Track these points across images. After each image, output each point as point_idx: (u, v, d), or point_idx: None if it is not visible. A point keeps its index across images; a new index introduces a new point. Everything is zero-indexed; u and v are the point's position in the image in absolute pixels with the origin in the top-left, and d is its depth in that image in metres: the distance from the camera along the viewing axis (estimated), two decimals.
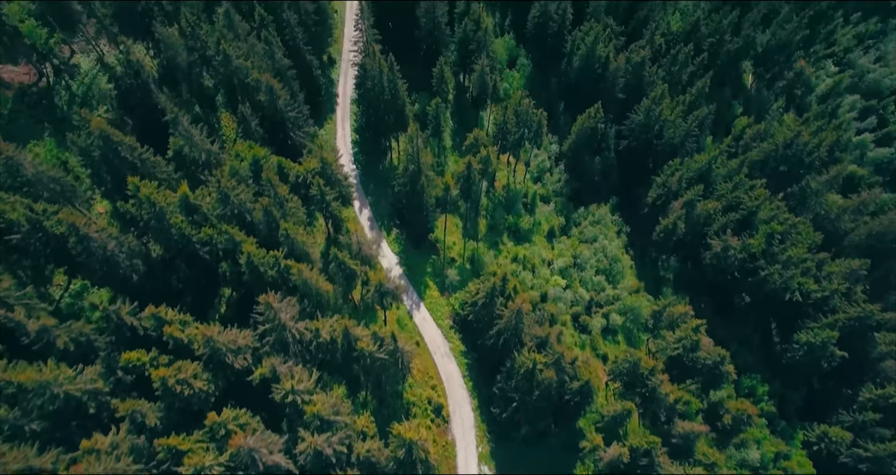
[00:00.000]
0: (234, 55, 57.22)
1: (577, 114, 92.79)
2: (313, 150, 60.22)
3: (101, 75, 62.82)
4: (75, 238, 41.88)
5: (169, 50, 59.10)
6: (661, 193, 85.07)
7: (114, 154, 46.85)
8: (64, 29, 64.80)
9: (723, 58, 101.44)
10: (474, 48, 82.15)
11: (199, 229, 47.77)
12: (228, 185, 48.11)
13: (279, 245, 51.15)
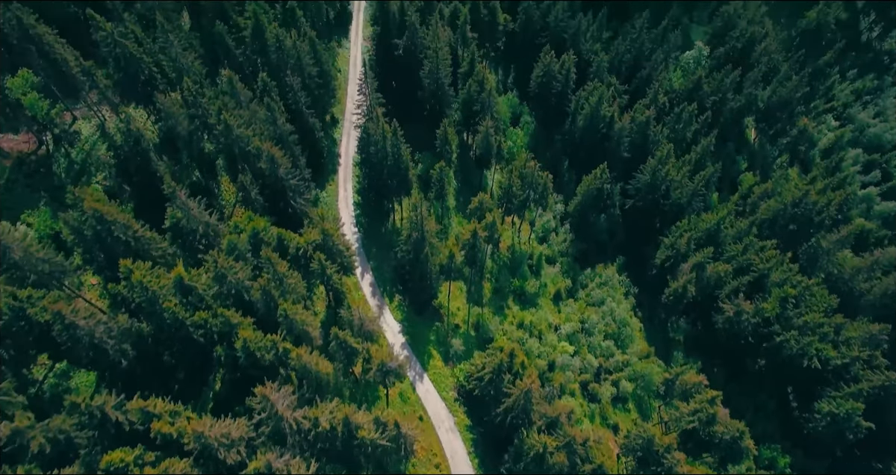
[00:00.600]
0: (234, 124, 56.27)
1: (582, 171, 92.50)
2: (314, 220, 58.62)
3: (100, 143, 61.92)
4: (60, 326, 39.63)
5: (170, 119, 58.27)
6: (669, 255, 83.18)
7: (107, 233, 45.10)
8: (67, 96, 64.33)
9: (726, 115, 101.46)
10: (478, 109, 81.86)
11: (193, 312, 45.52)
12: (225, 264, 46.14)
13: (277, 325, 48.82)
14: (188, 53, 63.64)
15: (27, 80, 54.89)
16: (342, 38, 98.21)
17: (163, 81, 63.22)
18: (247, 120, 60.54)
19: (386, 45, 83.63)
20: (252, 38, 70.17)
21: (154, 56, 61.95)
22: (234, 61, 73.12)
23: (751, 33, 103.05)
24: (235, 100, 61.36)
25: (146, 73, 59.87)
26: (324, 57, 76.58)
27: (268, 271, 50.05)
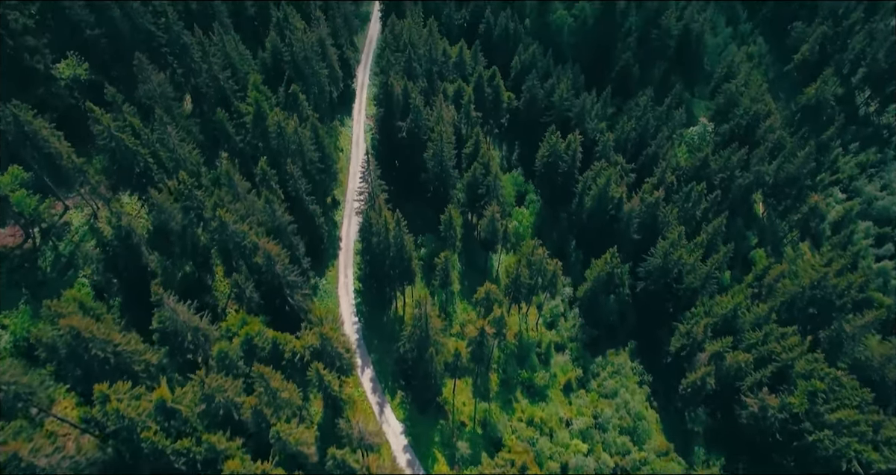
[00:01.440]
0: (230, 220, 53.52)
1: (590, 252, 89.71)
2: (313, 321, 54.99)
3: (89, 237, 59.05)
4: (16, 468, 35.17)
5: (162, 213, 55.59)
6: (685, 343, 78.91)
7: (84, 350, 41.29)
8: (59, 186, 62.04)
9: (734, 192, 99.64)
10: (483, 192, 79.78)
11: (175, 438, 41.05)
12: (213, 383, 42.07)
13: (269, 446, 44.22)
14: (185, 144, 61.80)
15: (16, 177, 52.61)
16: (345, 116, 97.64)
17: (159, 171, 61.04)
18: (243, 214, 57.96)
19: (389, 127, 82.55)
20: (253, 124, 68.79)
21: (151, 147, 60.04)
22: (234, 147, 71.54)
23: (755, 111, 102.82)
24: (233, 192, 58.95)
25: (141, 166, 57.69)
26: (326, 141, 75.11)
27: (260, 384, 45.93)
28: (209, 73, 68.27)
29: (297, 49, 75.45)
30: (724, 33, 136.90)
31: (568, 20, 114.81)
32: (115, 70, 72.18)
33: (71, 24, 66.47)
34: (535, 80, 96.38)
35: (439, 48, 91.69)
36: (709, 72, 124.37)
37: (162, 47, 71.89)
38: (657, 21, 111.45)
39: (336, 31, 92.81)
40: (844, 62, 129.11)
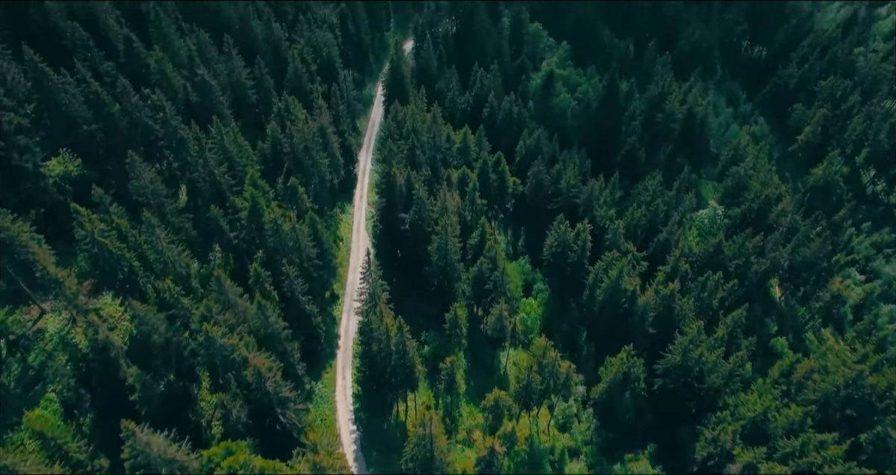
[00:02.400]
0: (217, 334, 48.89)
1: (602, 344, 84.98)
2: (306, 445, 49.29)
3: (60, 351, 54.22)
4: None
5: (144, 325, 51.08)
6: (712, 452, 72.19)
7: None
8: (35, 290, 57.85)
9: (750, 278, 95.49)
10: (490, 288, 75.56)
11: None
12: None
13: None
14: (175, 246, 58.11)
15: None
16: (346, 202, 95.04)
17: (145, 274, 57.05)
18: (233, 323, 53.47)
19: (391, 218, 79.55)
20: (248, 221, 65.60)
21: (139, 248, 56.39)
22: (228, 243, 68.00)
23: (766, 195, 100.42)
24: (223, 300, 54.67)
25: (125, 271, 53.76)
26: (325, 235, 71.75)
27: None
28: (205, 168, 65.73)
29: (297, 140, 73.57)
30: (725, 114, 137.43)
31: (571, 103, 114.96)
32: (110, 164, 69.87)
33: (68, 120, 64.56)
34: (541, 166, 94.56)
35: (443, 134, 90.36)
36: (715, 153, 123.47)
37: (159, 141, 69.83)
38: (661, 105, 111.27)
39: (338, 116, 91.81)
40: (847, 142, 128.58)
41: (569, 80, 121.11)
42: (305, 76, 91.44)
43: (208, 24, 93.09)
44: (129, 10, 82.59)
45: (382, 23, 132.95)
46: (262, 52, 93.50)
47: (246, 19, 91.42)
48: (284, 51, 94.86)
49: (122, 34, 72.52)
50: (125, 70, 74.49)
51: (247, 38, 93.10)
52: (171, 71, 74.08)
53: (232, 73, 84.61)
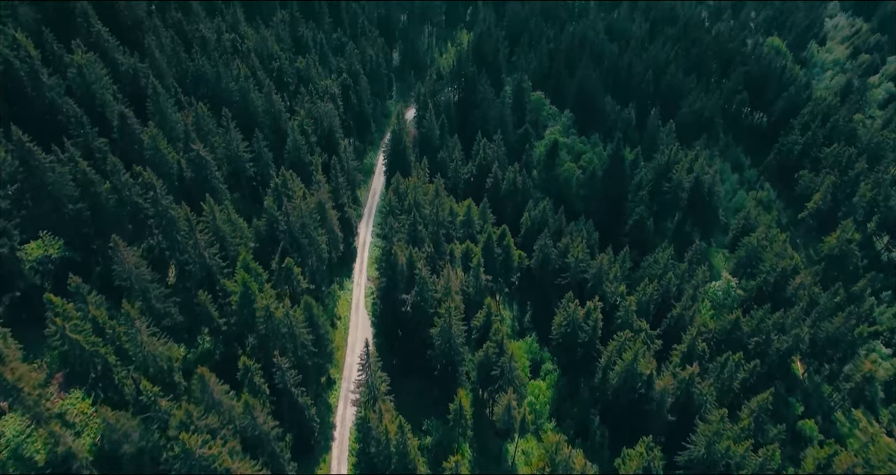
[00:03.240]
0: (196, 445, 43.54)
1: (616, 430, 78.81)
2: None
3: (12, 465, 48.39)
4: None
5: (114, 433, 45.83)
6: None
7: None
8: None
9: (772, 356, 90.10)
10: (497, 374, 70.29)
11: None
12: None
13: None
14: (155, 339, 53.50)
15: None
16: (344, 278, 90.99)
17: (123, 368, 52.21)
18: (217, 426, 48.16)
19: (392, 298, 75.25)
20: (239, 306, 61.26)
21: (117, 341, 51.80)
22: (217, 330, 63.43)
23: (782, 268, 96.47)
24: (206, 401, 49.60)
25: (98, 370, 49.01)
26: (321, 319, 67.18)
27: None
28: (195, 249, 62.07)
29: (294, 218, 70.32)
30: (730, 180, 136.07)
31: (576, 172, 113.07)
32: (96, 243, 66.37)
33: (52, 199, 61.50)
34: (548, 240, 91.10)
35: (446, 208, 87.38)
36: (724, 222, 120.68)
37: (149, 219, 66.54)
38: (668, 174, 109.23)
39: (338, 189, 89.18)
40: (857, 209, 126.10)
41: (573, 149, 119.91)
42: (305, 148, 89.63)
43: (208, 97, 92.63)
44: (128, 84, 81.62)
45: (384, 91, 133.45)
46: (261, 124, 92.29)
47: (246, 92, 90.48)
48: (284, 122, 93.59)
49: (118, 110, 70.51)
50: (119, 146, 72.56)
51: (247, 110, 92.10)
52: (165, 147, 71.87)
53: (230, 145, 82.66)
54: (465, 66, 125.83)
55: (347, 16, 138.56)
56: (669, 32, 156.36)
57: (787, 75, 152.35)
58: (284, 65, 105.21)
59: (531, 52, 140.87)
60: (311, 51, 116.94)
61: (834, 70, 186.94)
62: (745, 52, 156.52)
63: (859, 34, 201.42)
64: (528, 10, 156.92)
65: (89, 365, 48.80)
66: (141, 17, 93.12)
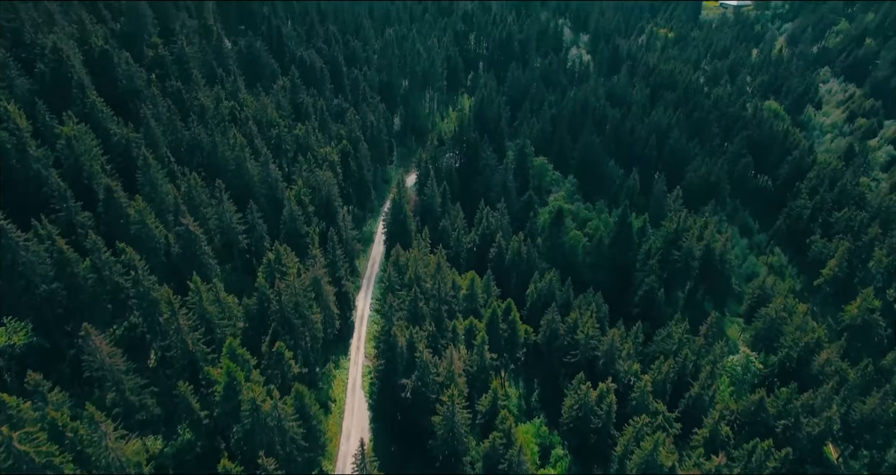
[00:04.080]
0: None
1: None
2: None
3: None
4: None
5: None
6: None
7: None
8: None
9: (802, 441, 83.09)
10: (505, 468, 63.67)
11: None
12: None
13: None
14: (122, 443, 47.66)
15: None
16: (340, 356, 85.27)
17: None
18: None
19: (391, 383, 69.60)
20: (223, 398, 55.68)
21: (79, 445, 45.95)
22: (198, 424, 57.54)
23: (805, 343, 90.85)
24: None
25: None
26: (313, 409, 61.29)
27: None
28: (177, 335, 57.08)
29: (287, 298, 65.66)
30: (740, 244, 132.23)
31: (582, 240, 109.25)
32: (70, 325, 61.55)
33: (24, 279, 57.12)
34: (555, 314, 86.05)
35: (448, 281, 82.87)
36: (738, 291, 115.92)
37: (129, 299, 61.89)
38: (677, 242, 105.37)
39: (335, 261, 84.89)
40: (874, 275, 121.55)
41: (578, 216, 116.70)
42: (301, 218, 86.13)
43: (203, 166, 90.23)
44: (119, 154, 79.10)
45: (385, 156, 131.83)
46: (256, 193, 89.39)
47: (242, 161, 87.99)
48: (281, 192, 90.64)
49: (105, 183, 67.30)
50: (104, 220, 68.95)
51: (242, 179, 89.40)
52: (153, 221, 68.20)
53: (222, 217, 79.17)
54: (466, 132, 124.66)
55: (349, 82, 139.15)
56: (670, 97, 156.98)
57: (789, 139, 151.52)
58: (283, 132, 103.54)
59: (533, 118, 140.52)
60: (312, 117, 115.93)
61: (833, 133, 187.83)
62: (746, 116, 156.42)
63: (853, 99, 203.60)
64: (529, 75, 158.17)
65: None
66: (139, 87, 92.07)
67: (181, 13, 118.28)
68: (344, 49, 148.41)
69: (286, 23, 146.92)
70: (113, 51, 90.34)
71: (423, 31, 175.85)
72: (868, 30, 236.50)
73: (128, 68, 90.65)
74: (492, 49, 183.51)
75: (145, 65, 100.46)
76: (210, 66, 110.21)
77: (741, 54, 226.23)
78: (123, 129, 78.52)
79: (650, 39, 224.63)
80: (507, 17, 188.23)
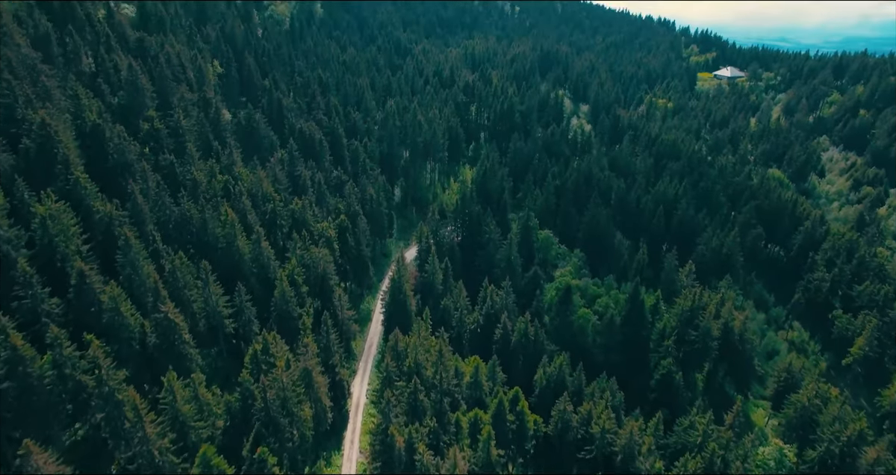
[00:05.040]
0: None
1: None
2: None
3: None
4: None
5: None
6: None
7: None
8: None
9: None
10: None
11: None
12: None
13: None
14: None
15: None
16: (333, 451, 76.70)
17: None
18: None
19: None
20: None
21: None
22: None
23: (847, 437, 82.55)
24: None
25: None
26: None
27: None
28: (143, 445, 49.88)
29: (274, 394, 58.75)
30: (757, 319, 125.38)
31: (592, 319, 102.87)
32: (20, 430, 54.17)
33: None
34: (567, 404, 78.48)
35: (450, 369, 75.97)
36: (761, 372, 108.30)
37: (91, 399, 55.05)
38: (693, 321, 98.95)
39: (329, 346, 78.36)
40: None
41: (586, 292, 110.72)
42: (294, 300, 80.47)
43: (192, 243, 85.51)
44: (101, 233, 74.32)
45: (384, 230, 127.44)
46: (247, 273, 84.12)
47: (233, 238, 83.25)
48: (273, 271, 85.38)
49: (77, 267, 61.97)
50: (75, 306, 63.04)
51: (232, 258, 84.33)
52: (128, 308, 62.41)
53: (208, 300, 73.41)
54: (469, 205, 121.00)
55: (349, 153, 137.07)
56: (674, 167, 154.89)
57: (798, 208, 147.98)
58: (278, 207, 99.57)
59: (536, 189, 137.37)
60: (309, 190, 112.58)
61: (840, 201, 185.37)
62: (753, 185, 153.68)
63: (856, 167, 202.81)
64: (531, 146, 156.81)
65: None
66: (131, 161, 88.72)
67: (181, 86, 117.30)
68: (344, 120, 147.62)
69: (287, 95, 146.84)
70: (105, 125, 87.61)
71: (425, 102, 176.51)
72: (860, 101, 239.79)
73: (120, 142, 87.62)
74: (493, 119, 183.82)
75: (140, 138, 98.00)
76: (206, 138, 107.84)
77: (740, 123, 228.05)
78: (107, 205, 74.04)
79: (650, 109, 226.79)
80: (507, 88, 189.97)
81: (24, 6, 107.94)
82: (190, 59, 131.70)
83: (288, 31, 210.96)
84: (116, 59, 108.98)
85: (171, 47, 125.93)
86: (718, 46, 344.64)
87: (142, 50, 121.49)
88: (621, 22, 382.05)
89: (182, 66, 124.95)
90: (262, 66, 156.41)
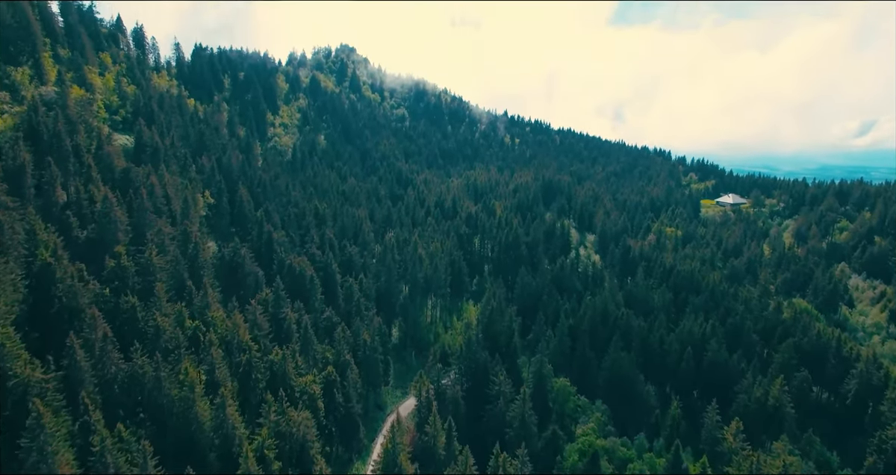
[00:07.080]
0: None
1: None
2: None
3: None
4: None
5: None
6: None
7: None
8: None
9: None
10: None
11: None
12: None
13: None
14: None
15: None
16: None
17: None
18: None
19: None
20: None
21: None
22: None
23: None
24: None
25: None
26: None
27: None
28: None
29: None
30: None
31: None
32: None
33: None
34: None
35: None
36: None
37: None
38: None
39: None
40: None
41: (615, 456, 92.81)
42: None
43: (143, 406, 70.72)
44: (13, 405, 59.97)
45: (379, 379, 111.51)
46: (204, 447, 68.33)
47: (190, 404, 68.52)
48: (238, 445, 69.50)
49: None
50: None
51: (188, 428, 69.04)
52: None
53: None
54: (474, 352, 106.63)
55: (342, 291, 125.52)
56: (696, 301, 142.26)
57: (843, 346, 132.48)
58: (255, 358, 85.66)
59: (549, 330, 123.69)
60: (294, 336, 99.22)
61: (881, 336, 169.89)
62: (786, 320, 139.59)
63: (887, 296, 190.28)
64: (540, 280, 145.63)
65: None
66: (81, 306, 76.65)
67: (161, 220, 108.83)
68: (339, 254, 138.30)
69: (280, 227, 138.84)
70: (58, 264, 76.92)
71: (426, 234, 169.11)
72: (873, 228, 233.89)
73: (71, 284, 76.39)
74: (497, 251, 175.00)
75: (102, 277, 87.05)
76: (180, 277, 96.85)
77: (754, 251, 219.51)
78: (26, 369, 60.43)
79: (660, 238, 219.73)
80: (511, 219, 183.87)
81: (10, 138, 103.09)
82: (177, 191, 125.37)
83: (289, 162, 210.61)
84: (93, 190, 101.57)
85: (158, 178, 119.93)
86: (716, 174, 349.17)
87: (126, 181, 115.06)
88: (618, 152, 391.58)
89: (167, 197, 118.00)
90: (256, 196, 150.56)
